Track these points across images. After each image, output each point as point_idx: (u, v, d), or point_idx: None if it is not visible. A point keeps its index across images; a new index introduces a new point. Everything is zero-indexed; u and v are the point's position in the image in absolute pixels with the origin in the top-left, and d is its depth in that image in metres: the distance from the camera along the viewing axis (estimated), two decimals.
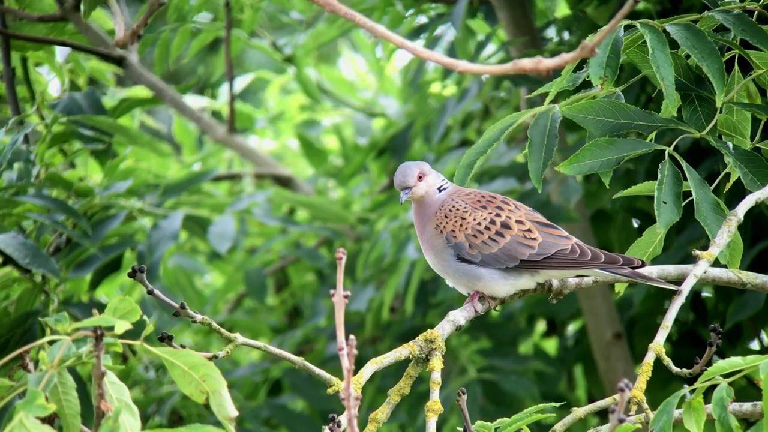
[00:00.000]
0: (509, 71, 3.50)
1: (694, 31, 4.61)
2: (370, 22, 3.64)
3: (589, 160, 4.65)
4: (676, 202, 4.62)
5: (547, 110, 4.75)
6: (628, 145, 4.64)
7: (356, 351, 3.03)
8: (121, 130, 6.61)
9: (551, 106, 4.75)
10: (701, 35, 4.59)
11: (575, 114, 4.69)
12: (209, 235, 6.92)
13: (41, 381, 3.05)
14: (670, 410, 4.08)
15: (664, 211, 4.60)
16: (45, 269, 5.92)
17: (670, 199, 4.62)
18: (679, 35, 4.61)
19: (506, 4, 7.28)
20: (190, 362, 3.32)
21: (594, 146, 4.64)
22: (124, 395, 3.16)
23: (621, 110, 4.70)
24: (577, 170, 4.64)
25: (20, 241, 5.95)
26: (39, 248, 5.95)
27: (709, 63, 4.58)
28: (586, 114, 4.69)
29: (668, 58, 4.55)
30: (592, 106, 4.69)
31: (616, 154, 4.63)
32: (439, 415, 4.31)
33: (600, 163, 4.64)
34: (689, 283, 4.55)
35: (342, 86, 9.35)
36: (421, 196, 4.81)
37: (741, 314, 6.64)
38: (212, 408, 3.32)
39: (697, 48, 4.59)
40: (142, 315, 3.27)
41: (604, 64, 4.61)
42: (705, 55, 4.58)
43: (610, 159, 4.63)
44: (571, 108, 4.70)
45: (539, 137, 4.72)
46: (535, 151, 4.72)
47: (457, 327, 4.62)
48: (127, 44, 5.74)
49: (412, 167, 4.80)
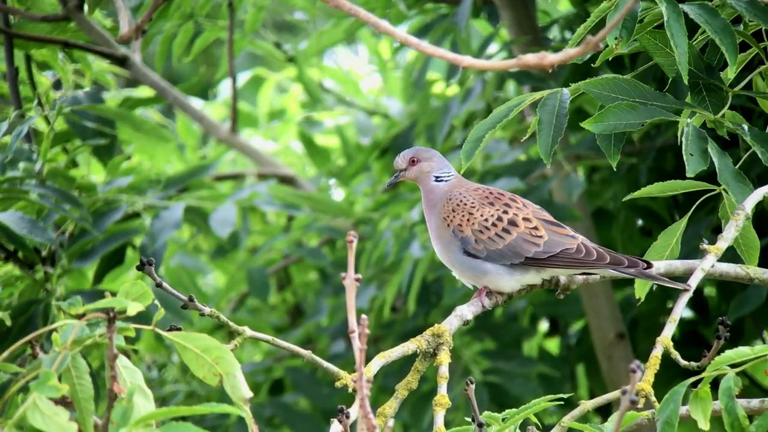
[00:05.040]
0: (514, 66, 3.51)
1: (707, 8, 4.67)
2: (374, 18, 3.64)
3: (613, 120, 4.68)
4: (702, 155, 4.66)
5: (556, 92, 4.77)
6: (650, 112, 4.69)
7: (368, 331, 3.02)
8: (125, 118, 6.61)
9: (559, 89, 4.78)
10: (714, 12, 4.66)
11: (592, 89, 4.72)
12: (210, 222, 6.92)
13: (54, 362, 3.05)
14: (677, 399, 4.07)
15: (692, 161, 4.63)
16: (42, 238, 5.93)
17: (697, 152, 4.64)
18: (693, 12, 4.65)
19: (509, 4, 7.30)
20: (202, 345, 3.32)
21: (617, 108, 4.69)
22: (137, 378, 3.16)
23: (636, 89, 4.75)
24: (602, 128, 4.69)
25: (19, 216, 5.97)
26: (37, 221, 5.96)
27: (722, 37, 4.62)
28: (603, 90, 4.74)
29: (682, 28, 4.59)
30: (609, 82, 4.74)
31: (639, 119, 4.67)
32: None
33: (623, 125, 4.69)
34: (697, 277, 4.55)
35: (347, 85, 9.36)
36: (412, 180, 4.91)
37: (743, 309, 6.65)
38: (226, 390, 3.32)
39: (710, 24, 4.64)
40: (154, 299, 3.27)
41: (620, 25, 4.64)
42: (718, 30, 4.63)
43: (632, 122, 4.66)
44: (587, 83, 4.73)
45: (548, 116, 4.76)
46: (544, 129, 4.75)
47: (464, 322, 4.62)
48: (131, 39, 5.73)
49: (408, 152, 4.93)
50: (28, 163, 6.46)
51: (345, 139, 8.98)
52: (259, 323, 8.42)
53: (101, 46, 6.92)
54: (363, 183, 8.75)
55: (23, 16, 6.58)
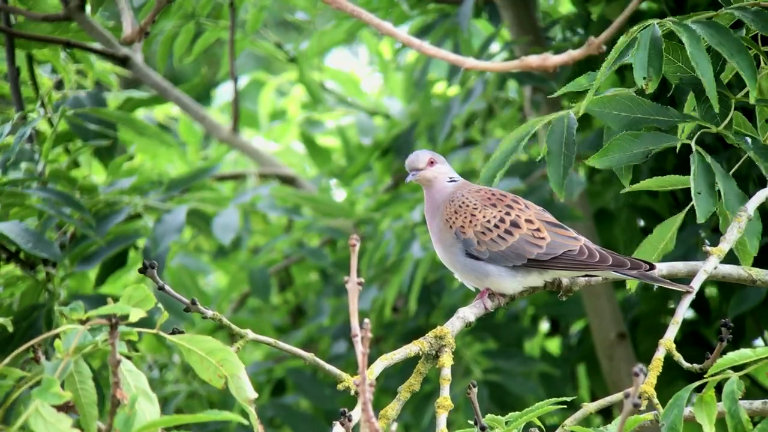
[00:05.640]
0: (516, 68, 3.51)
1: (717, 27, 4.62)
2: (377, 20, 3.64)
3: (617, 153, 4.67)
4: (710, 192, 4.64)
5: (562, 116, 4.76)
6: (654, 139, 4.67)
7: (371, 335, 3.01)
8: (127, 121, 6.61)
9: (566, 111, 4.76)
10: (726, 32, 4.61)
11: (593, 108, 4.70)
12: (213, 227, 6.92)
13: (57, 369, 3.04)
14: (681, 404, 4.07)
15: (701, 201, 4.61)
16: (48, 254, 5.92)
17: (704, 189, 4.63)
18: (705, 34, 4.61)
19: (510, 4, 7.30)
20: (207, 348, 3.32)
21: (621, 140, 4.66)
22: (141, 383, 3.16)
23: (638, 105, 4.72)
24: (606, 163, 4.67)
25: (23, 227, 5.96)
26: (42, 234, 5.95)
27: (739, 60, 4.59)
28: (605, 108, 4.71)
29: (705, 56, 4.56)
30: (610, 100, 4.71)
31: (642, 148, 4.65)
32: None
33: (628, 157, 4.67)
34: (699, 279, 4.55)
35: (348, 85, 9.35)
36: (429, 180, 4.86)
37: (742, 307, 6.66)
38: (231, 391, 3.33)
39: (725, 45, 4.60)
40: (156, 303, 3.27)
41: (646, 64, 4.61)
42: (734, 52, 4.59)
43: (637, 153, 4.65)
44: (589, 104, 4.71)
45: (557, 146, 4.74)
46: (554, 160, 4.74)
47: (467, 324, 4.62)
48: (134, 41, 5.72)
49: (425, 152, 4.88)
50: (30, 163, 6.46)
51: (346, 140, 8.98)
52: (260, 323, 8.42)
53: (103, 46, 6.92)
54: (364, 183, 8.75)
55: (25, 16, 6.57)
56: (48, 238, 6.07)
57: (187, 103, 7.96)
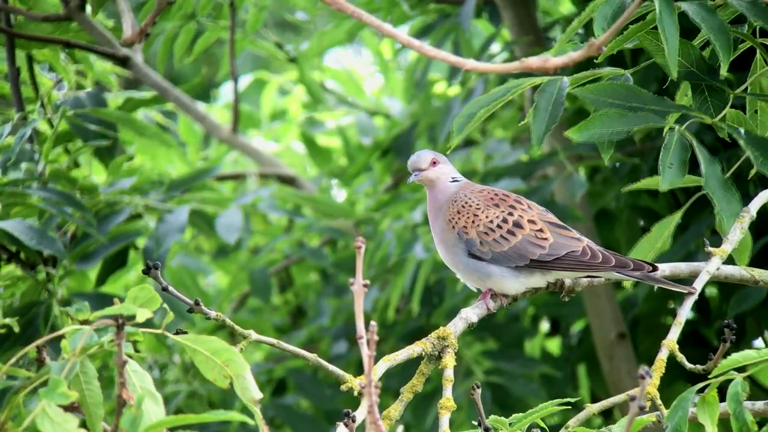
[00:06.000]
0: (516, 69, 3.51)
1: (706, 7, 4.62)
2: (377, 21, 3.64)
3: (599, 128, 4.60)
4: (681, 166, 4.57)
5: (556, 79, 4.73)
6: (638, 119, 4.61)
7: (377, 337, 3.01)
8: (127, 122, 6.61)
9: (560, 76, 4.73)
10: (712, 11, 4.61)
11: (588, 94, 4.67)
12: (217, 227, 6.92)
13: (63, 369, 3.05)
14: (686, 406, 4.06)
15: (669, 173, 4.54)
16: (52, 250, 5.92)
17: (676, 163, 4.58)
18: (691, 10, 4.60)
19: (510, 4, 7.30)
20: (212, 348, 3.33)
21: (604, 115, 4.60)
22: (146, 383, 3.16)
23: (633, 93, 4.67)
24: (586, 137, 4.60)
25: (26, 225, 5.96)
26: (45, 231, 5.95)
27: (716, 35, 4.56)
28: (598, 96, 4.67)
29: (674, 23, 4.53)
30: (605, 87, 4.67)
31: (626, 127, 4.59)
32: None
33: (609, 133, 4.59)
34: (702, 280, 4.55)
35: (348, 85, 9.35)
36: (432, 181, 4.85)
37: (742, 307, 6.65)
38: (236, 391, 3.34)
39: (707, 22, 4.58)
40: (162, 303, 3.28)
41: (608, 16, 4.60)
42: (714, 29, 4.58)
43: (619, 130, 4.59)
44: (583, 89, 4.68)
45: (545, 103, 4.69)
46: (540, 114, 4.68)
47: (469, 324, 4.62)
48: (134, 42, 5.73)
49: (428, 152, 4.88)
50: (31, 163, 6.46)
51: (346, 140, 8.98)
52: (261, 324, 8.42)
53: (103, 46, 6.91)
54: (364, 183, 8.75)
55: (25, 16, 6.57)
56: (51, 234, 6.06)
57: (187, 104, 7.96)
